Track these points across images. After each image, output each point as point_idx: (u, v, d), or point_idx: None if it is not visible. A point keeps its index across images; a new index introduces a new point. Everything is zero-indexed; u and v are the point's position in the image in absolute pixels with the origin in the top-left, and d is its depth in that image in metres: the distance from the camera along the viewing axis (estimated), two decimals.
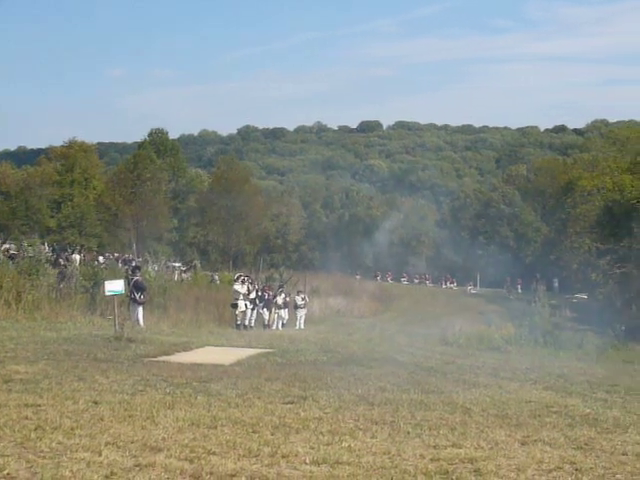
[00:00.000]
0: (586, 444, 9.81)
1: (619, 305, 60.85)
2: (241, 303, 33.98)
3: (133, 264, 39.13)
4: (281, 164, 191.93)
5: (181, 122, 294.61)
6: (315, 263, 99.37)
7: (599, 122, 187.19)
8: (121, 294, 24.52)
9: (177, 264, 63.04)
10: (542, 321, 50.40)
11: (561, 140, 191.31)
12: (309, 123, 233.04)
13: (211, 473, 7.38)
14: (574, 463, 8.56)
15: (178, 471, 7.41)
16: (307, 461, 8.05)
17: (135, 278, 28.70)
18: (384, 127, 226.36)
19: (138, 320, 27.28)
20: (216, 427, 9.58)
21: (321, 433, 9.54)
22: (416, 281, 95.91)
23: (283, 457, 8.17)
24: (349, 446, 8.86)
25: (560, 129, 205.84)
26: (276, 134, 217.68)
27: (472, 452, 8.88)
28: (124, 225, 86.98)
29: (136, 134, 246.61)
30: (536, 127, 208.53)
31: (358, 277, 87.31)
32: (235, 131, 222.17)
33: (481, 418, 11.52)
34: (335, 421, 10.46)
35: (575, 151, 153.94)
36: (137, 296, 28.07)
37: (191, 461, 7.80)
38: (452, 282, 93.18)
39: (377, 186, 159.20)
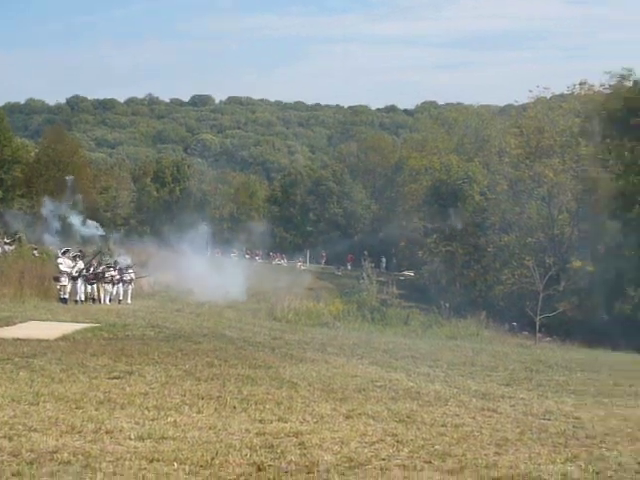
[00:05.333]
0: (408, 417, 10.07)
1: (444, 283, 62.71)
2: (63, 277, 33.34)
3: None
4: (111, 136, 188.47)
5: (6, 89, 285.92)
6: (144, 237, 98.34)
7: (428, 104, 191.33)
8: None
9: None
10: (370, 298, 51.63)
11: (392, 119, 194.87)
12: (140, 95, 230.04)
13: (31, 450, 7.21)
14: (396, 435, 8.78)
15: None
16: (132, 437, 7.97)
17: None
18: (216, 101, 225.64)
19: None
20: (38, 403, 9.38)
21: (147, 408, 9.47)
22: (246, 257, 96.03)
23: (107, 433, 8.07)
24: (175, 421, 8.83)
25: (391, 109, 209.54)
26: (106, 105, 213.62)
27: (297, 426, 8.98)
28: None
29: None
30: (367, 106, 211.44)
31: (188, 252, 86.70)
32: (64, 101, 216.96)
33: (307, 392, 11.65)
34: (161, 396, 10.40)
35: (405, 131, 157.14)
36: None
37: (10, 438, 7.61)
38: (282, 258, 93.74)
39: (209, 161, 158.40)
